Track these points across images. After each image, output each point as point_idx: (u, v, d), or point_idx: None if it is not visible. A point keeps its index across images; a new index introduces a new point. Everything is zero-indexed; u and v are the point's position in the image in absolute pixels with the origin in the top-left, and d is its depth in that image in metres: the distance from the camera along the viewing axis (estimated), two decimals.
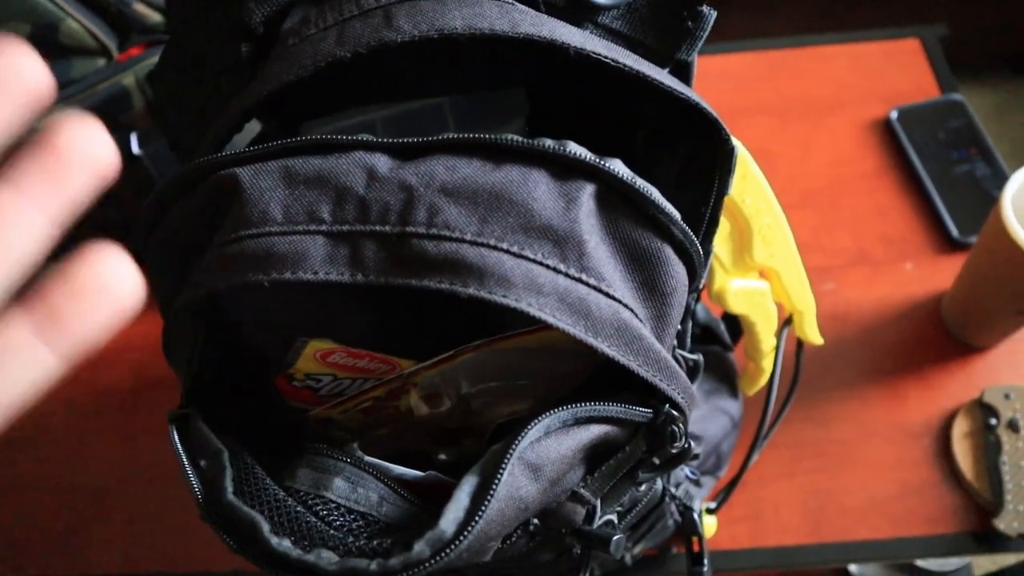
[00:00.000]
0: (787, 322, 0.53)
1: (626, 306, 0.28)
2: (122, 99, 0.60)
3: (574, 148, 0.28)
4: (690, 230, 0.30)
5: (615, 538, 0.31)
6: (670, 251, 0.29)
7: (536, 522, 0.30)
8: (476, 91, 0.36)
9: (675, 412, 0.30)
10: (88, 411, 0.69)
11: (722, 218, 0.43)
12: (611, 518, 0.34)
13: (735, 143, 0.32)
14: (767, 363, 0.53)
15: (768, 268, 0.47)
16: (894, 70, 0.83)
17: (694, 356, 0.39)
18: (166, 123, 0.36)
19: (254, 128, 0.37)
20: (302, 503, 0.27)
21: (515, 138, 0.27)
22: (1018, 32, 1.56)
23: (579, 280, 0.26)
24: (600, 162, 0.28)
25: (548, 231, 0.26)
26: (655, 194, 0.28)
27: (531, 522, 0.30)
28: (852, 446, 0.64)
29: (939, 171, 0.75)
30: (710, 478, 0.59)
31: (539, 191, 0.27)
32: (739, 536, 0.61)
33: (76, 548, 0.64)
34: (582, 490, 0.30)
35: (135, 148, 0.62)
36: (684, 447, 0.31)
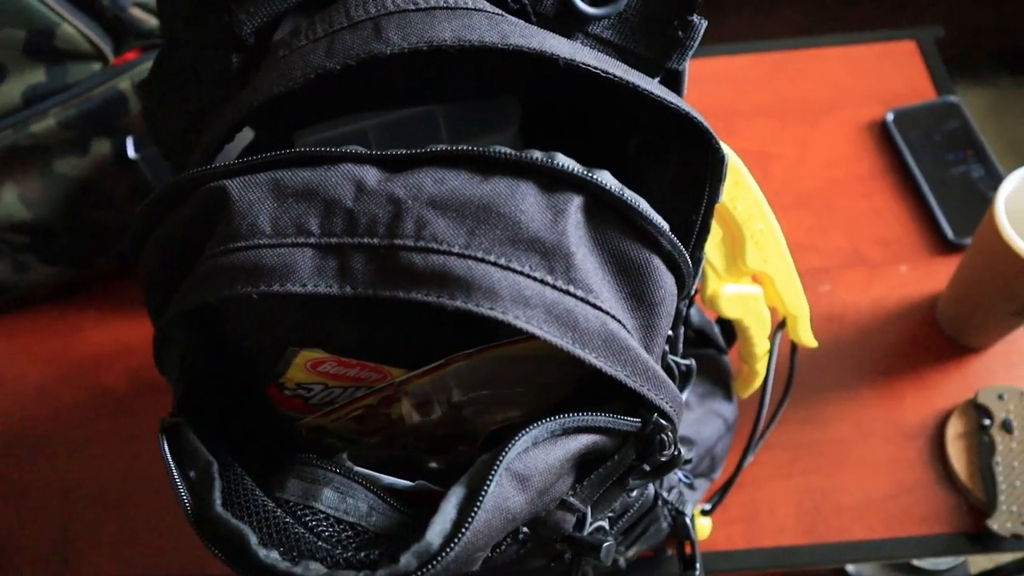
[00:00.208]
0: (781, 326, 0.53)
1: (614, 317, 0.28)
2: (118, 103, 0.60)
3: (562, 160, 0.28)
4: (679, 240, 0.30)
5: (605, 545, 0.31)
6: (658, 262, 0.29)
7: (526, 530, 0.30)
8: (467, 100, 0.36)
9: (664, 421, 0.30)
10: (86, 414, 0.70)
11: (714, 224, 0.43)
12: (602, 524, 0.34)
13: (726, 150, 0.33)
14: (761, 366, 0.54)
15: (761, 273, 0.47)
16: (890, 72, 0.83)
17: (686, 361, 0.39)
18: (158, 133, 0.36)
19: (247, 137, 0.37)
20: (291, 514, 0.27)
21: (503, 150, 0.28)
22: (1014, 31, 1.56)
23: (566, 292, 0.27)
24: (588, 174, 0.28)
25: (536, 243, 0.26)
26: (643, 205, 0.29)
27: (520, 530, 0.30)
28: (847, 446, 0.64)
29: (934, 173, 0.75)
30: (704, 480, 0.60)
31: (527, 203, 0.27)
32: (735, 537, 0.61)
33: (72, 552, 0.64)
34: (571, 498, 0.30)
35: (131, 152, 0.62)
36: (674, 454, 0.31)
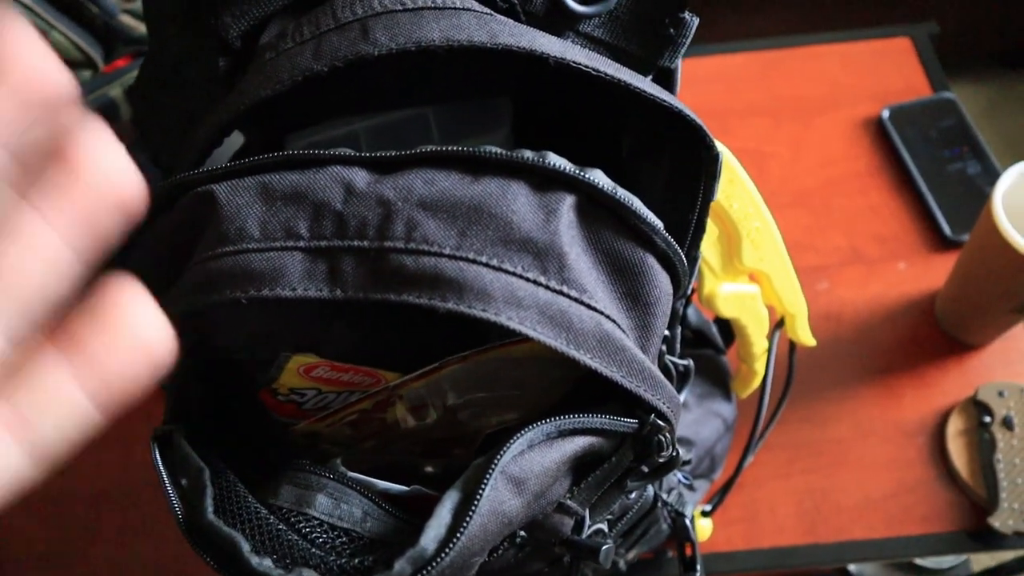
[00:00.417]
0: (779, 324, 0.52)
1: (608, 317, 0.27)
2: (109, 110, 0.60)
3: (554, 159, 0.27)
4: (674, 238, 0.30)
5: (604, 547, 0.31)
6: (653, 260, 0.29)
7: (523, 534, 0.30)
8: (458, 101, 0.35)
9: (661, 422, 0.30)
10: None
11: (710, 223, 0.43)
12: (601, 527, 0.34)
13: (720, 148, 0.32)
14: (759, 366, 0.53)
15: (758, 271, 0.47)
16: (886, 69, 0.83)
17: (684, 362, 0.39)
18: (147, 138, 0.36)
19: (237, 141, 0.37)
20: (284, 521, 0.27)
21: (494, 150, 0.27)
22: (1009, 27, 1.56)
23: (560, 292, 0.26)
24: (580, 173, 0.27)
25: (528, 244, 0.26)
26: (636, 204, 0.28)
27: (518, 534, 0.30)
28: (847, 445, 0.64)
29: (931, 169, 0.75)
30: (704, 481, 0.59)
31: (518, 203, 0.27)
32: (735, 538, 0.61)
33: (69, 557, 0.63)
34: (569, 501, 0.30)
35: None
36: (672, 455, 0.31)
